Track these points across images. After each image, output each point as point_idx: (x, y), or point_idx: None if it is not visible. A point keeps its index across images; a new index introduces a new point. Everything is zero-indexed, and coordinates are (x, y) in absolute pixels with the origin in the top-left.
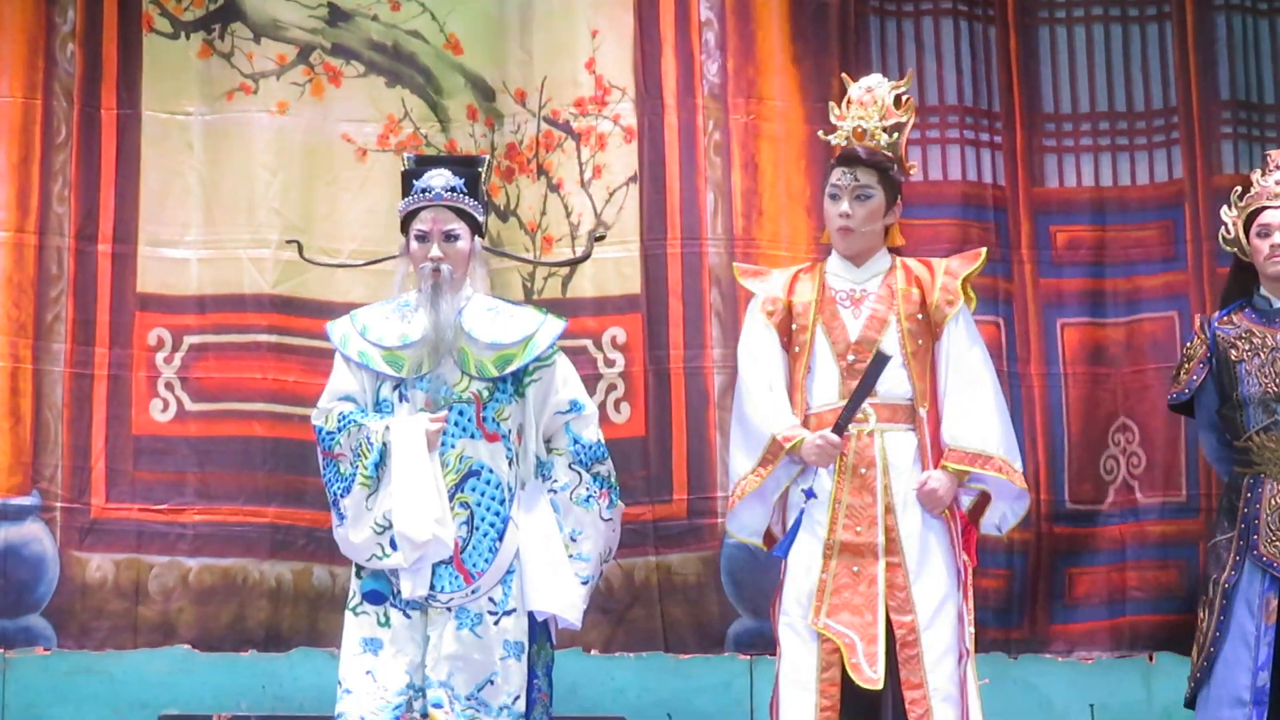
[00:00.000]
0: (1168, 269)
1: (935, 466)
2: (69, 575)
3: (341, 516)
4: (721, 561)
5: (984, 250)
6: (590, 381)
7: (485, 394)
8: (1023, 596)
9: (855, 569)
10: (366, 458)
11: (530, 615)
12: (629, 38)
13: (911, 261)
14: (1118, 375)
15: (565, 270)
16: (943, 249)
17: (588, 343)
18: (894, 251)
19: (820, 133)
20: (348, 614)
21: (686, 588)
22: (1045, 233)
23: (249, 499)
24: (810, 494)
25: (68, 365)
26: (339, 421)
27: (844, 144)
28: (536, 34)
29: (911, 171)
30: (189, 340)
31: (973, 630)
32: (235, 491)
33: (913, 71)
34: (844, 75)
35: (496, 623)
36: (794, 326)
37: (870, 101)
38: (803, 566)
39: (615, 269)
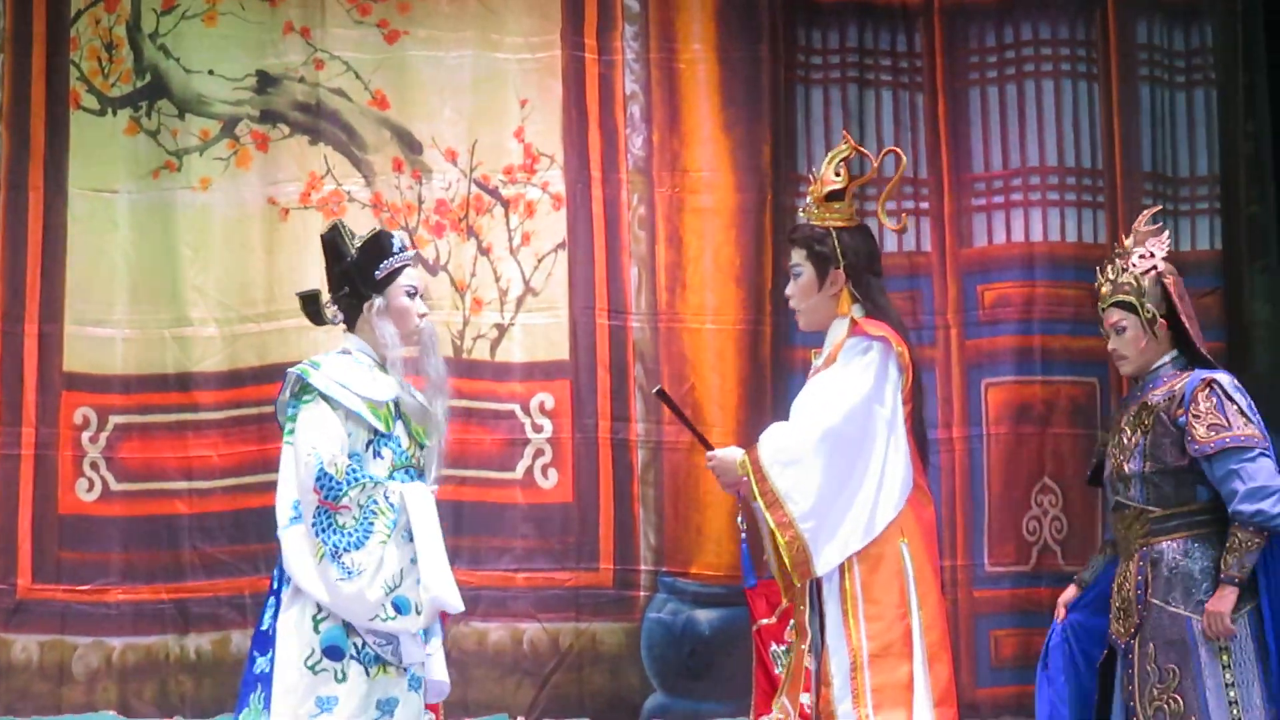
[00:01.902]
0: (1093, 333)
1: None
2: None
3: (349, 572)
4: (642, 633)
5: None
6: (518, 446)
7: (420, 460)
8: None
9: (803, 646)
10: (386, 516)
11: None
12: (557, 107)
13: (870, 326)
14: (1042, 436)
15: (493, 332)
16: None
17: (515, 407)
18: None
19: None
20: (297, 671)
21: (609, 657)
22: (973, 293)
23: (171, 576)
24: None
25: None
26: (348, 474)
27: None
28: (466, 97)
29: (901, 227)
30: (114, 420)
31: None
32: (158, 570)
33: (846, 134)
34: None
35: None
36: None
37: (813, 179)
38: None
39: (544, 335)
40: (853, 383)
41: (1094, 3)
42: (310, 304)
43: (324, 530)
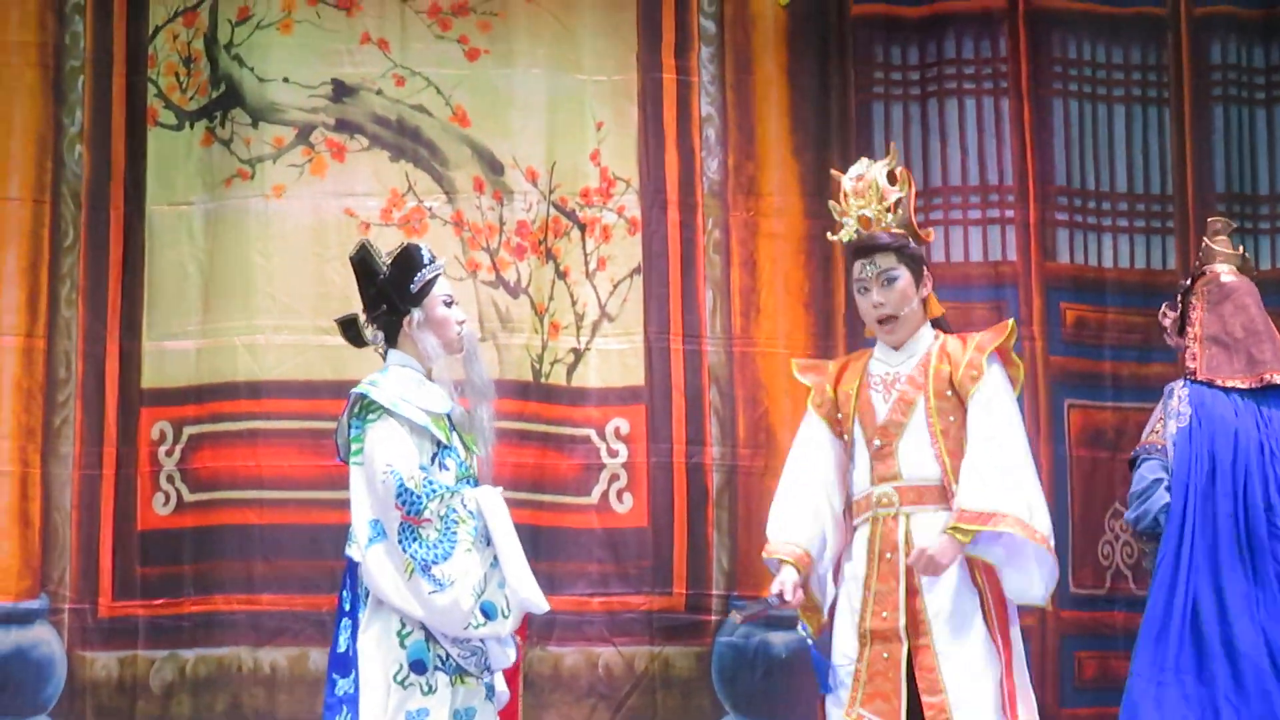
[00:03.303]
0: (1160, 359)
1: None
2: (75, 676)
3: (440, 584)
4: (713, 658)
5: (1012, 321)
6: (593, 471)
7: (476, 468)
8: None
9: (885, 655)
10: (466, 524)
11: None
12: (633, 130)
13: (952, 338)
14: (1112, 461)
15: (569, 357)
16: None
17: (591, 432)
18: (937, 325)
19: (828, 234)
20: (387, 685)
21: (682, 681)
22: (1056, 309)
23: (242, 587)
24: (812, 647)
25: (76, 468)
26: (425, 487)
27: (854, 238)
28: (544, 118)
29: (930, 237)
30: (188, 431)
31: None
32: (229, 581)
33: (895, 145)
34: (833, 171)
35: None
36: (839, 415)
37: (865, 188)
38: (843, 655)
39: (620, 360)
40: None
41: (1165, 26)
42: (349, 329)
43: (410, 545)
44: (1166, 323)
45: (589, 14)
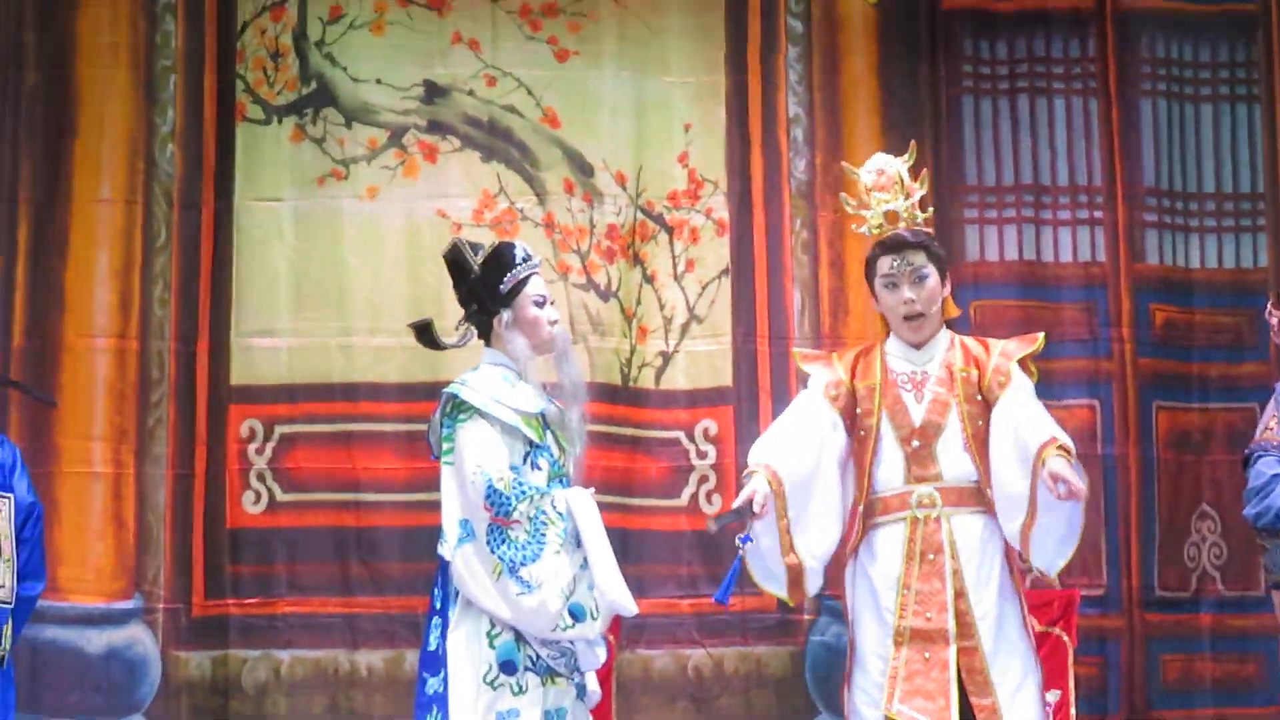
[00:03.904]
0: (1252, 358)
1: (1007, 549)
2: (170, 675)
3: (529, 586)
4: (806, 658)
5: (1042, 335)
6: (683, 473)
7: (570, 468)
8: (1118, 684)
9: (926, 655)
10: (555, 526)
11: None
12: (721, 132)
13: (970, 341)
14: (1199, 463)
15: (658, 360)
16: (1034, 331)
17: (680, 434)
18: (950, 326)
19: (853, 226)
20: (476, 686)
21: (774, 681)
22: (1145, 311)
23: (339, 590)
24: (745, 539)
25: (170, 468)
26: (515, 488)
27: (878, 231)
28: (632, 121)
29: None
30: (280, 430)
31: (1075, 713)
32: (324, 582)
33: (915, 143)
34: (844, 164)
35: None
36: (858, 411)
37: (889, 182)
38: (872, 654)
39: (708, 361)
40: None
41: (1255, 22)
42: (424, 334)
43: (499, 546)
44: (1274, 321)
45: (676, 16)
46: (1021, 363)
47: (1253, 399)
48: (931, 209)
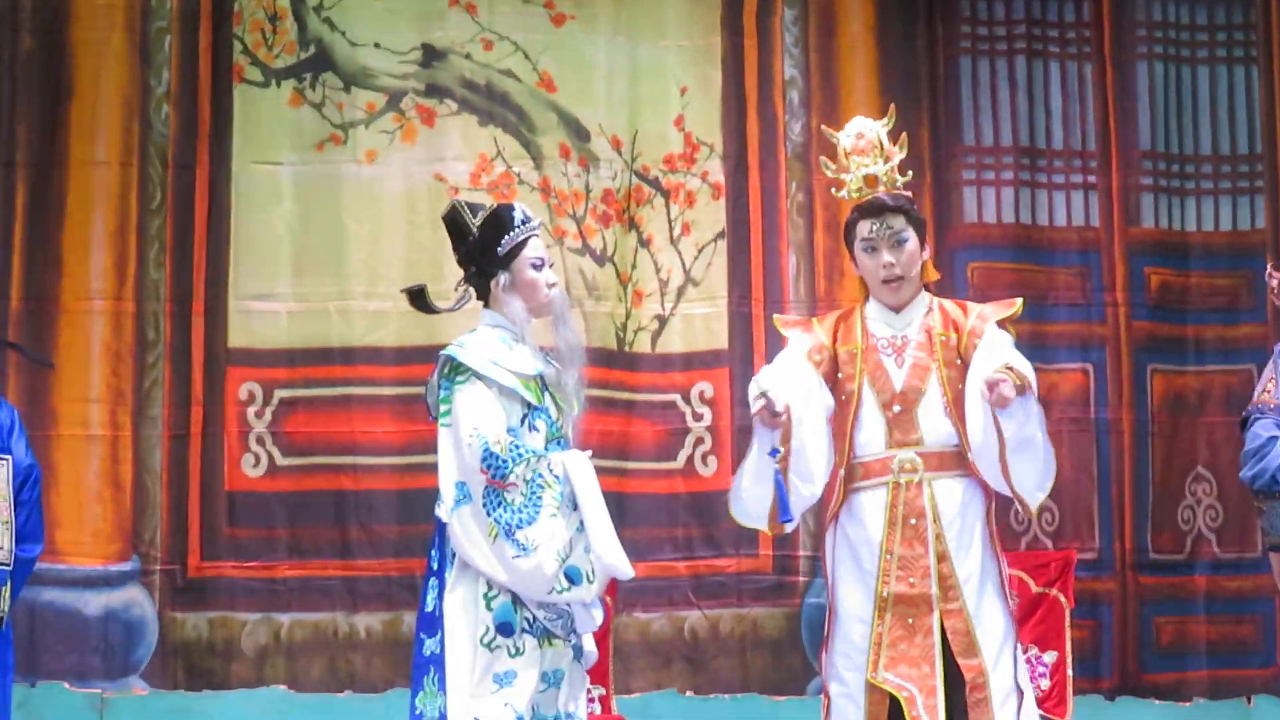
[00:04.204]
0: (1249, 320)
1: (987, 511)
2: (167, 636)
3: (524, 548)
4: (802, 619)
5: (1020, 300)
6: (678, 435)
7: (569, 430)
8: (1110, 647)
9: (910, 620)
10: (553, 489)
11: None
12: (717, 95)
13: (948, 304)
14: (1195, 425)
15: (654, 324)
16: (1029, 294)
17: (676, 397)
18: (929, 289)
19: (833, 190)
20: (473, 647)
21: (770, 642)
22: (1140, 274)
23: (338, 553)
24: (774, 452)
25: (165, 429)
26: (511, 451)
27: (857, 195)
28: (628, 85)
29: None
30: (279, 394)
31: (1072, 674)
32: (324, 545)
33: (894, 107)
34: (823, 128)
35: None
36: (840, 375)
37: (869, 146)
38: (854, 618)
39: (704, 325)
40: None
41: None
42: (418, 299)
43: (494, 509)
44: (1274, 283)
45: None
46: (1000, 325)
47: (1249, 361)
48: (910, 173)
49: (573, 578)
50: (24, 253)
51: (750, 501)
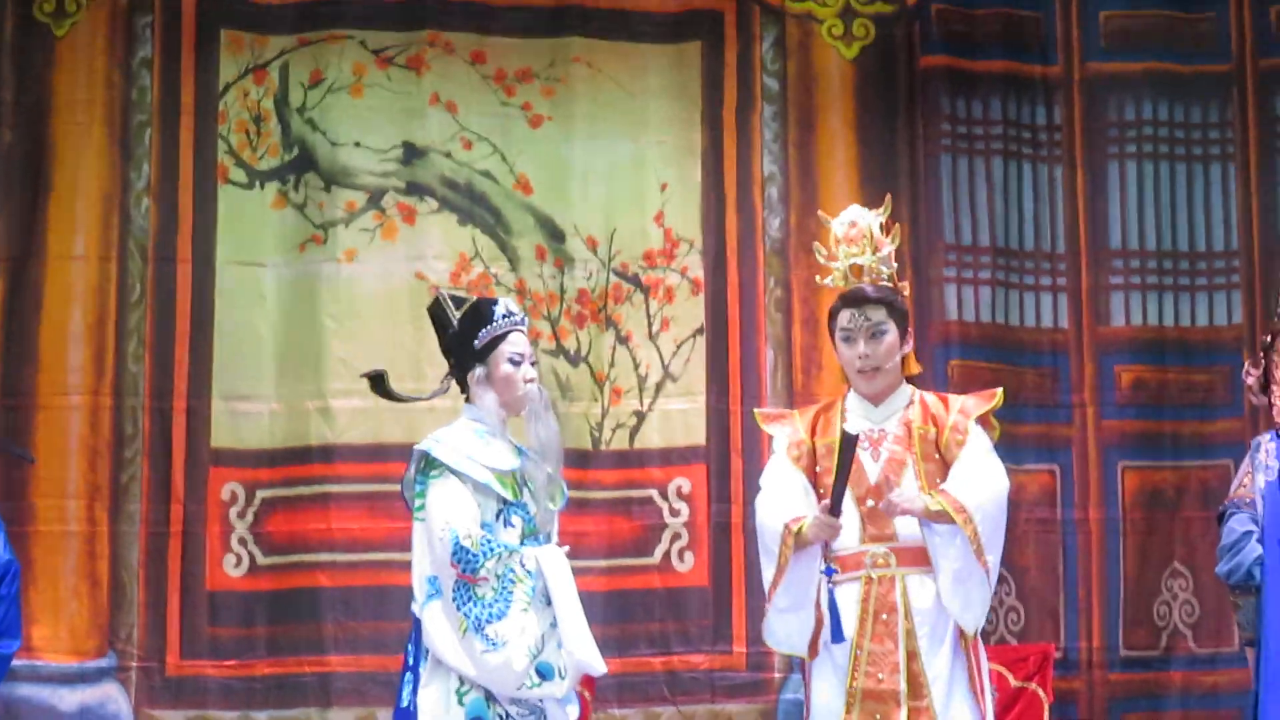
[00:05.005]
0: (1226, 415)
1: None
2: None
3: (493, 644)
4: (778, 715)
5: (1000, 390)
6: (655, 531)
7: (549, 525)
8: None
9: (877, 716)
10: (524, 584)
11: None
12: (696, 191)
13: (930, 397)
14: (1172, 520)
15: (632, 420)
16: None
17: (654, 492)
18: (912, 382)
19: (816, 277)
20: None
21: None
22: (1110, 373)
23: (314, 649)
24: (830, 571)
25: (143, 525)
26: (483, 545)
27: (843, 284)
28: (606, 183)
29: (905, 290)
30: (261, 494)
31: None
32: (300, 642)
33: (890, 197)
34: (820, 213)
35: None
36: (818, 469)
37: (859, 236)
38: (827, 712)
39: (682, 420)
40: (998, 466)
41: (1230, 81)
42: (377, 384)
43: (465, 603)
44: (1250, 380)
45: (654, 76)
46: (983, 419)
47: (1226, 456)
48: (896, 265)
49: (544, 673)
50: (2, 347)
51: (787, 629)
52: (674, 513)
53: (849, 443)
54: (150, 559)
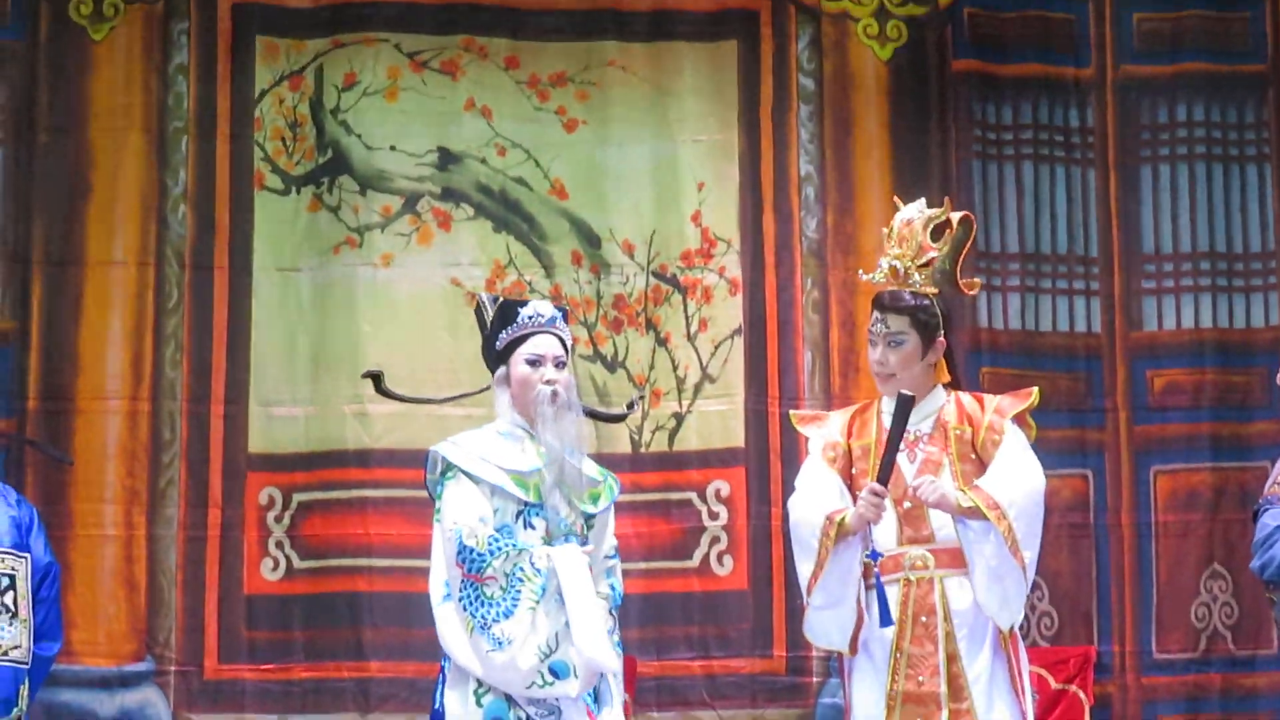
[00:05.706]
0: (1266, 416)
1: None
2: None
3: (499, 643)
4: (816, 719)
5: (1036, 389)
6: (694, 534)
7: (583, 527)
8: None
9: (919, 719)
10: (532, 583)
11: None
12: (734, 190)
13: (965, 398)
14: (1211, 522)
15: (671, 422)
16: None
17: (692, 495)
18: (949, 386)
19: (860, 272)
20: None
21: None
22: (1142, 378)
23: (352, 654)
24: (875, 555)
25: (181, 529)
26: (489, 544)
27: (881, 282)
28: (644, 185)
29: (971, 290)
30: (297, 498)
31: None
32: (339, 647)
33: (950, 200)
34: (895, 198)
35: None
36: (854, 471)
37: (907, 236)
38: (868, 716)
39: (720, 422)
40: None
41: (1266, 82)
42: (378, 383)
43: (472, 603)
44: None
45: (689, 76)
46: (1019, 417)
47: (1263, 458)
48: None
49: (558, 672)
50: (40, 352)
51: (825, 626)
52: (713, 515)
53: (905, 403)
54: (188, 563)
